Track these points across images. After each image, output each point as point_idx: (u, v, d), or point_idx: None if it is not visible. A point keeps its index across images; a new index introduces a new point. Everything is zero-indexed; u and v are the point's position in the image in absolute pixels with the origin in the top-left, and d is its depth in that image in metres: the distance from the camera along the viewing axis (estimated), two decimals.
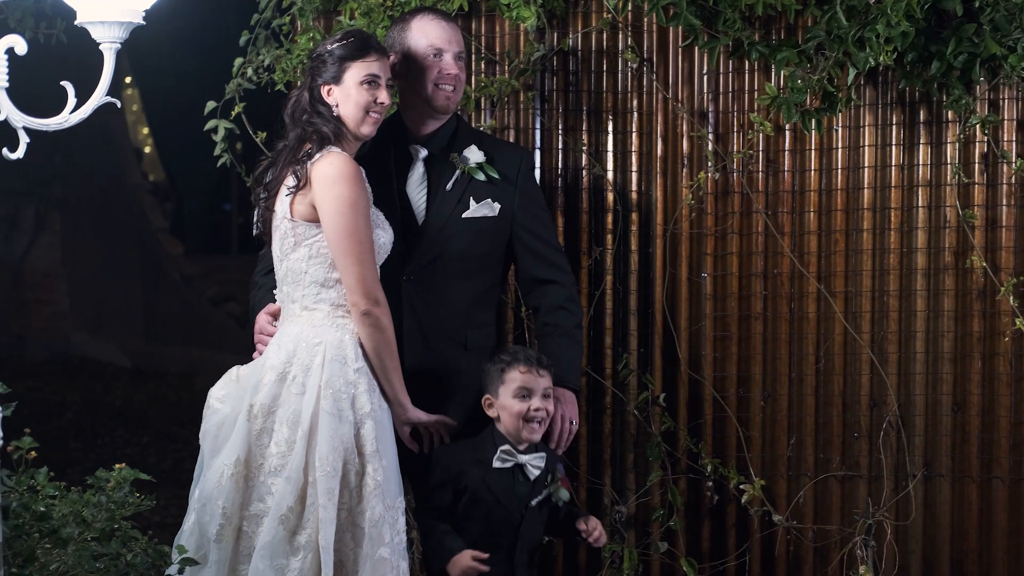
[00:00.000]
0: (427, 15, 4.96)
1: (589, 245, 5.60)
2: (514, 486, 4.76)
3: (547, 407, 4.76)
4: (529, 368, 4.75)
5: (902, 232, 5.33)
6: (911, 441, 5.35)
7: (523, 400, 4.72)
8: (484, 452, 4.75)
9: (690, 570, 5.44)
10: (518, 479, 4.76)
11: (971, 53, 5.03)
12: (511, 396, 4.73)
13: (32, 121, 4.18)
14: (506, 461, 4.74)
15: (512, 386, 4.74)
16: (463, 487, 4.74)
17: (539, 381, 4.75)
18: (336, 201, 4.51)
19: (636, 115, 5.58)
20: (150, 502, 4.31)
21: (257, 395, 4.57)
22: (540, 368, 4.76)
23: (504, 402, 4.75)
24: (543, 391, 4.75)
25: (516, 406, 4.72)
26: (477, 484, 4.73)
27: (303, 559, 4.47)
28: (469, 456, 4.76)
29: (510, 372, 4.75)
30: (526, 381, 4.74)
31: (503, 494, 4.74)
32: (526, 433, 4.73)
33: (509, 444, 4.74)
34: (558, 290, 5.02)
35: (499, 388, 4.76)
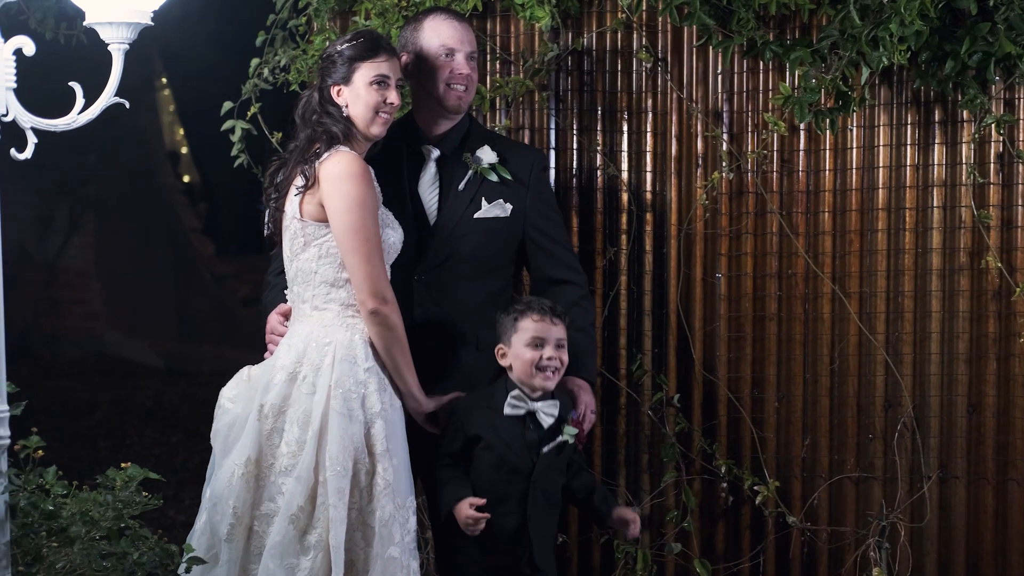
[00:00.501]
0: (440, 15, 4.96)
1: (603, 245, 5.59)
2: (524, 433, 4.69)
3: (560, 356, 4.70)
4: (543, 316, 4.70)
5: (917, 232, 5.30)
6: (926, 443, 5.32)
7: (536, 349, 4.67)
8: (495, 399, 4.71)
9: (703, 571, 5.43)
10: (529, 427, 4.70)
11: (986, 52, 5.00)
12: (523, 345, 4.68)
13: (40, 121, 4.21)
14: (517, 408, 4.68)
15: (525, 335, 4.68)
16: (473, 434, 4.70)
17: (552, 330, 4.70)
18: (344, 200, 4.52)
19: (650, 115, 5.56)
20: (157, 501, 4.31)
21: (268, 395, 4.59)
22: (554, 316, 4.71)
23: (517, 350, 4.70)
24: (556, 340, 4.70)
25: (528, 354, 4.67)
26: (487, 431, 4.68)
27: (313, 558, 4.48)
28: (481, 403, 4.73)
29: (523, 320, 4.70)
30: (539, 329, 4.68)
31: (513, 441, 4.68)
32: (539, 381, 4.68)
33: (520, 391, 4.70)
34: (572, 289, 5.01)
35: (512, 336, 4.71)
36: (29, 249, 15.53)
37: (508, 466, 4.68)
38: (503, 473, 4.68)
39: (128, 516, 4.27)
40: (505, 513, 4.68)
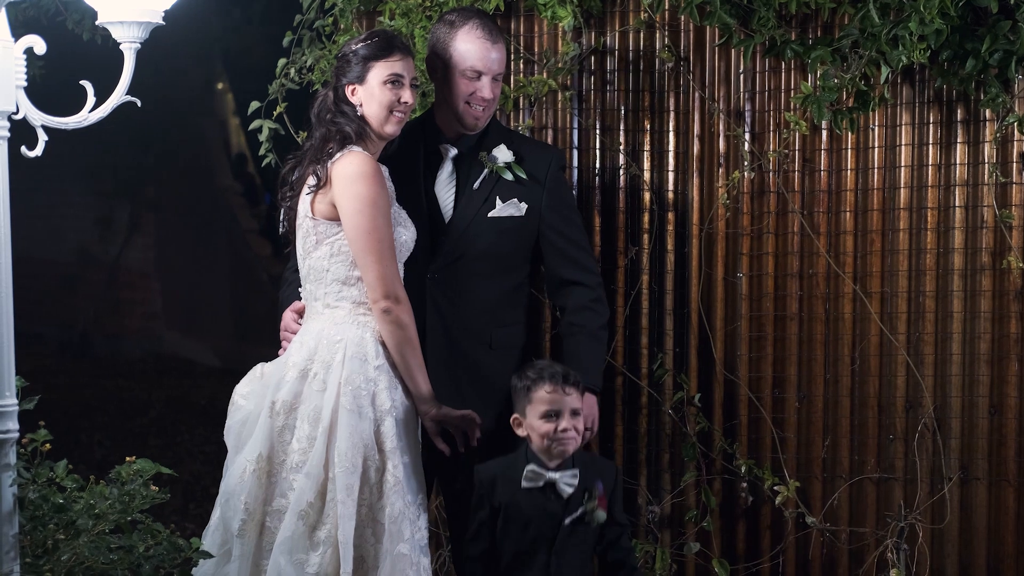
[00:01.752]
0: (476, 28, 4.88)
1: (626, 245, 5.59)
2: (545, 504, 4.64)
3: (575, 425, 4.62)
4: (555, 387, 4.62)
5: (939, 232, 5.27)
6: (947, 444, 5.29)
7: (550, 421, 4.60)
8: (515, 470, 4.66)
9: (722, 571, 5.42)
10: (550, 497, 4.65)
11: (1007, 51, 4.97)
12: (538, 417, 4.62)
13: (50, 119, 4.25)
14: (534, 480, 4.64)
15: (539, 407, 4.61)
16: (497, 504, 4.67)
17: (566, 400, 4.62)
18: (355, 200, 4.54)
19: (672, 114, 5.56)
20: (164, 495, 4.35)
21: (279, 392, 4.62)
22: (567, 386, 4.63)
23: (532, 423, 4.64)
24: (571, 410, 4.62)
25: (543, 427, 4.61)
26: (508, 501, 4.66)
27: (323, 554, 4.50)
28: (501, 472, 4.70)
29: (536, 392, 4.63)
30: (552, 401, 4.61)
31: (534, 512, 4.64)
32: (556, 451, 4.63)
33: (537, 463, 4.64)
34: (583, 291, 4.99)
35: (526, 408, 4.65)
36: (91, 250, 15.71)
37: (531, 537, 4.66)
38: (526, 543, 4.66)
39: (136, 510, 4.32)
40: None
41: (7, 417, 4.18)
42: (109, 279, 15.57)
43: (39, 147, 4.25)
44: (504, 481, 4.66)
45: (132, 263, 15.65)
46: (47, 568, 4.17)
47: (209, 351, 14.67)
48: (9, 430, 4.19)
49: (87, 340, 15.09)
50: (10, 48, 4.16)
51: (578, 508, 4.64)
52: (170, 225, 15.59)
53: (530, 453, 4.65)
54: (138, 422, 11.60)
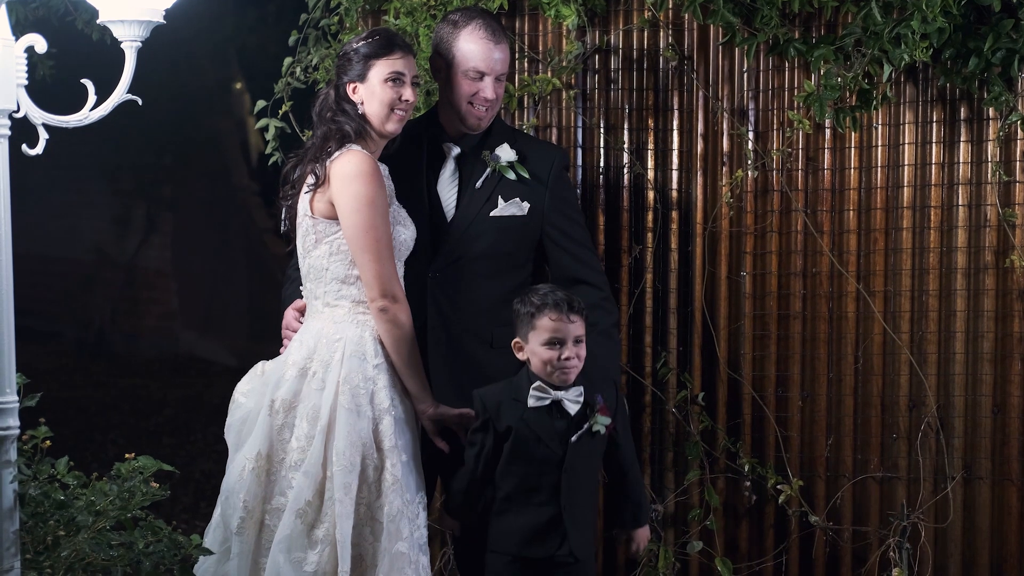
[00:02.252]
0: (479, 28, 4.89)
1: (630, 243, 5.59)
2: (552, 422, 4.62)
3: (579, 353, 4.60)
4: (560, 315, 4.58)
5: (942, 231, 5.27)
6: (950, 443, 5.28)
7: (553, 348, 4.58)
8: (520, 391, 4.63)
9: (725, 570, 5.42)
10: (556, 416, 4.63)
11: (1009, 49, 4.96)
12: (541, 344, 4.59)
13: (51, 118, 4.28)
14: (541, 399, 4.61)
15: (543, 334, 4.59)
16: (504, 428, 4.64)
17: (570, 328, 4.59)
18: (353, 199, 4.55)
19: (676, 113, 5.56)
20: (164, 492, 4.37)
21: (279, 390, 4.64)
22: (571, 313, 4.60)
23: (534, 348, 4.61)
24: (575, 337, 4.60)
25: (547, 354, 4.59)
26: (516, 422, 4.62)
27: (321, 552, 4.51)
28: (506, 395, 4.66)
29: (540, 319, 4.60)
30: (556, 329, 4.58)
31: (543, 431, 4.61)
32: (558, 378, 4.61)
33: (543, 381, 4.62)
34: (592, 290, 4.98)
35: (529, 333, 4.62)
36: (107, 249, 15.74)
37: (539, 458, 4.63)
38: (535, 465, 4.64)
39: (137, 507, 4.34)
40: (540, 504, 4.65)
41: (8, 414, 4.21)
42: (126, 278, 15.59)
43: (40, 145, 4.28)
44: (509, 404, 4.64)
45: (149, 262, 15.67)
46: (47, 564, 4.20)
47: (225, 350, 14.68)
48: (10, 427, 4.21)
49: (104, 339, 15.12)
50: (11, 47, 4.19)
51: (584, 424, 4.63)
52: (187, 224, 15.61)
53: (531, 375, 4.63)
54: (152, 421, 11.64)
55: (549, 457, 4.64)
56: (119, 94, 4.37)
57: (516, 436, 4.64)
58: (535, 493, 4.65)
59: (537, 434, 4.62)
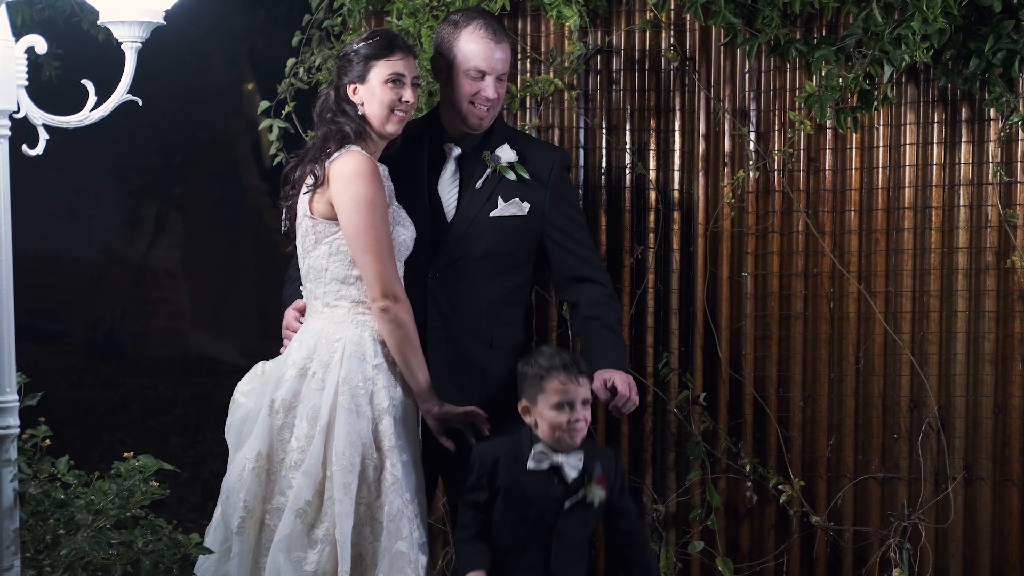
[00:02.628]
0: (480, 28, 4.89)
1: (631, 244, 5.60)
2: (548, 487, 4.55)
3: (586, 416, 4.54)
4: (569, 378, 4.51)
5: (943, 232, 5.27)
6: (951, 443, 5.29)
7: (562, 411, 4.50)
8: (520, 450, 4.57)
9: (726, 570, 5.43)
10: (553, 480, 4.56)
11: (1010, 50, 4.97)
12: (549, 407, 4.52)
13: (51, 118, 4.30)
14: (541, 461, 4.56)
15: (551, 398, 4.51)
16: (497, 486, 4.60)
17: (579, 391, 4.52)
18: (353, 200, 4.56)
19: (678, 114, 5.57)
20: (163, 491, 4.39)
21: (279, 390, 4.65)
22: (579, 376, 4.53)
23: (542, 412, 4.53)
24: (582, 400, 4.53)
25: (556, 418, 4.51)
26: (511, 483, 4.59)
27: (320, 552, 4.52)
28: (506, 453, 4.61)
29: (549, 382, 4.52)
30: (566, 392, 4.50)
31: (537, 495, 4.58)
32: (566, 440, 4.54)
33: (545, 444, 4.56)
34: (595, 287, 4.98)
35: (537, 396, 4.54)
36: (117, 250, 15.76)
37: (532, 520, 4.59)
38: (527, 526, 4.59)
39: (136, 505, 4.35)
40: (528, 566, 4.60)
41: (8, 413, 4.22)
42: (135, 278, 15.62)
43: (40, 146, 4.30)
44: (507, 462, 4.59)
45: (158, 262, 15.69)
46: (47, 563, 4.22)
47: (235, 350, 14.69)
48: (9, 426, 4.23)
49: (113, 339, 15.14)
50: (11, 47, 4.20)
51: (579, 491, 4.57)
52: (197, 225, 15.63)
53: (534, 437, 4.57)
54: (161, 420, 11.66)
55: (541, 520, 4.59)
56: (119, 95, 4.39)
57: (510, 496, 4.59)
58: (525, 553, 4.61)
59: (531, 498, 4.58)
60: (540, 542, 4.59)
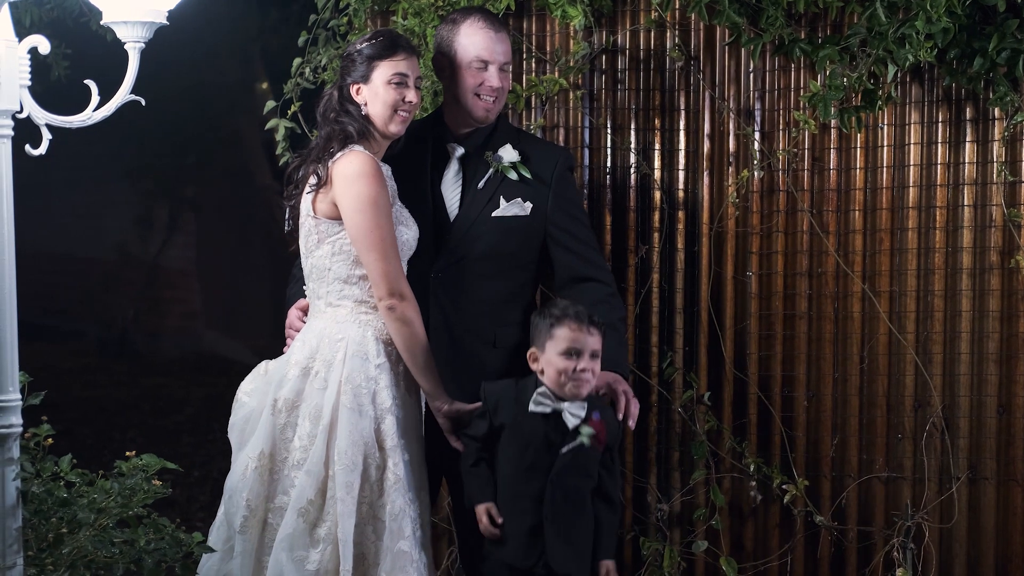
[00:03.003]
0: (477, 20, 4.93)
1: (636, 243, 5.60)
2: (547, 431, 4.57)
3: (594, 367, 4.56)
4: (580, 326, 4.55)
5: (947, 231, 5.27)
6: (955, 443, 5.28)
7: (570, 358, 4.53)
8: (524, 393, 4.60)
9: (730, 570, 5.42)
10: (552, 426, 4.57)
11: (1014, 49, 4.97)
12: (557, 353, 4.54)
13: (54, 118, 4.30)
14: (542, 405, 4.58)
15: (560, 344, 4.55)
16: (499, 423, 4.62)
17: (588, 340, 4.56)
18: (356, 199, 4.57)
19: (683, 113, 5.57)
20: (165, 490, 4.40)
21: (281, 390, 4.66)
22: (591, 327, 4.57)
23: (550, 357, 4.56)
24: (591, 351, 4.56)
25: (562, 363, 4.53)
26: (511, 423, 4.61)
27: (323, 551, 4.53)
28: (510, 393, 4.63)
29: (559, 329, 4.56)
30: (575, 340, 4.54)
31: (535, 437, 4.58)
32: (570, 389, 4.56)
33: (548, 390, 4.58)
34: (598, 287, 4.98)
35: (546, 343, 4.57)
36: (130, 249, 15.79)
37: (527, 463, 4.60)
38: (522, 470, 4.60)
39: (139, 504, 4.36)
40: (522, 511, 4.60)
41: (10, 412, 4.22)
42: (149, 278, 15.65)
43: (43, 145, 4.31)
44: (509, 401, 4.61)
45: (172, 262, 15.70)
46: (49, 561, 4.23)
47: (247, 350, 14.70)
48: (12, 425, 4.23)
49: (126, 338, 15.17)
50: (14, 48, 4.21)
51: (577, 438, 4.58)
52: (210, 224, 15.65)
53: (539, 383, 4.59)
54: (172, 420, 11.68)
55: (536, 464, 4.59)
56: (122, 94, 4.39)
57: (507, 435, 4.61)
58: (519, 499, 4.61)
59: (529, 439, 4.59)
60: (535, 487, 4.59)
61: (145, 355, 14.90)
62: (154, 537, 4.31)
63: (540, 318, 4.64)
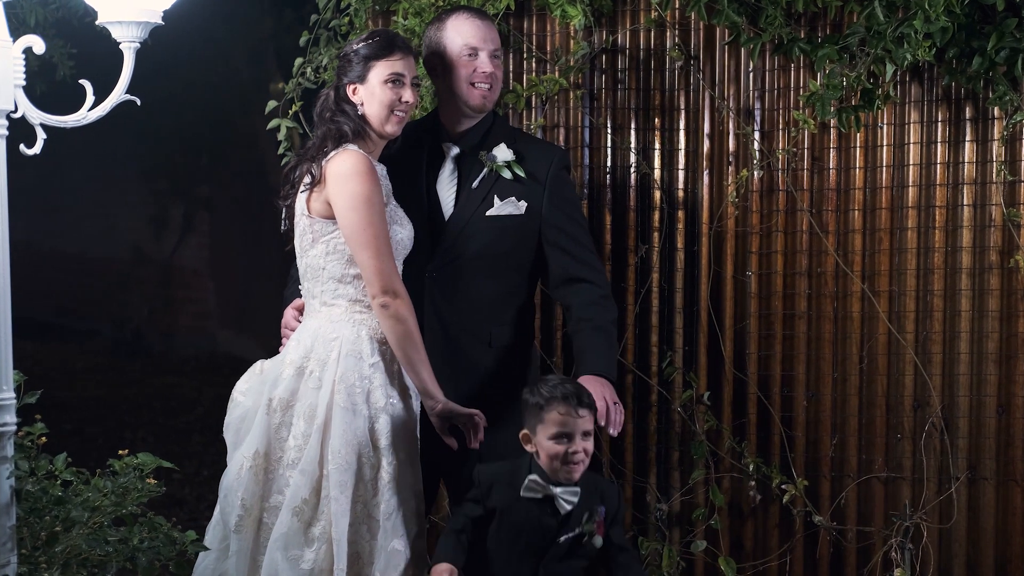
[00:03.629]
0: (462, 13, 4.97)
1: (636, 243, 5.60)
2: (541, 516, 4.54)
3: (586, 448, 4.51)
4: (568, 408, 4.48)
5: (947, 231, 5.25)
6: (955, 443, 5.27)
7: (560, 442, 4.49)
8: (517, 477, 4.56)
9: (728, 570, 5.42)
10: (547, 511, 4.54)
11: (1013, 48, 4.94)
12: (548, 438, 4.50)
13: (48, 118, 4.32)
14: (534, 491, 4.54)
15: (550, 428, 4.49)
16: (492, 507, 4.59)
17: (579, 423, 4.49)
18: (350, 198, 4.57)
19: (683, 113, 5.57)
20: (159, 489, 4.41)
21: (276, 389, 4.67)
22: (580, 408, 4.50)
23: (541, 442, 4.52)
24: (583, 432, 4.50)
25: (553, 448, 4.49)
26: (504, 507, 4.56)
27: (317, 550, 4.53)
28: (504, 477, 4.61)
29: (548, 413, 4.50)
30: (565, 424, 4.48)
31: (529, 523, 4.55)
32: (564, 475, 4.52)
33: (540, 475, 4.54)
34: (591, 288, 4.95)
35: (536, 426, 4.53)
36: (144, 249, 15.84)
37: (520, 547, 4.57)
38: (516, 553, 4.57)
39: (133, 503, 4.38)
40: None
41: (5, 411, 4.25)
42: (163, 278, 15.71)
43: (38, 145, 4.32)
44: (502, 487, 4.57)
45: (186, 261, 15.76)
46: (43, 560, 4.24)
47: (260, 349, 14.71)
48: (6, 423, 4.25)
49: (140, 337, 15.23)
50: (8, 48, 4.23)
51: (575, 527, 4.54)
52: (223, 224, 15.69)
53: (534, 464, 4.56)
54: (183, 419, 11.70)
55: (530, 549, 4.57)
56: (117, 94, 4.41)
57: (501, 520, 4.58)
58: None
59: (522, 525, 4.56)
60: (528, 569, 4.56)
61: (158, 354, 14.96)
62: (148, 536, 4.33)
63: (530, 398, 4.58)
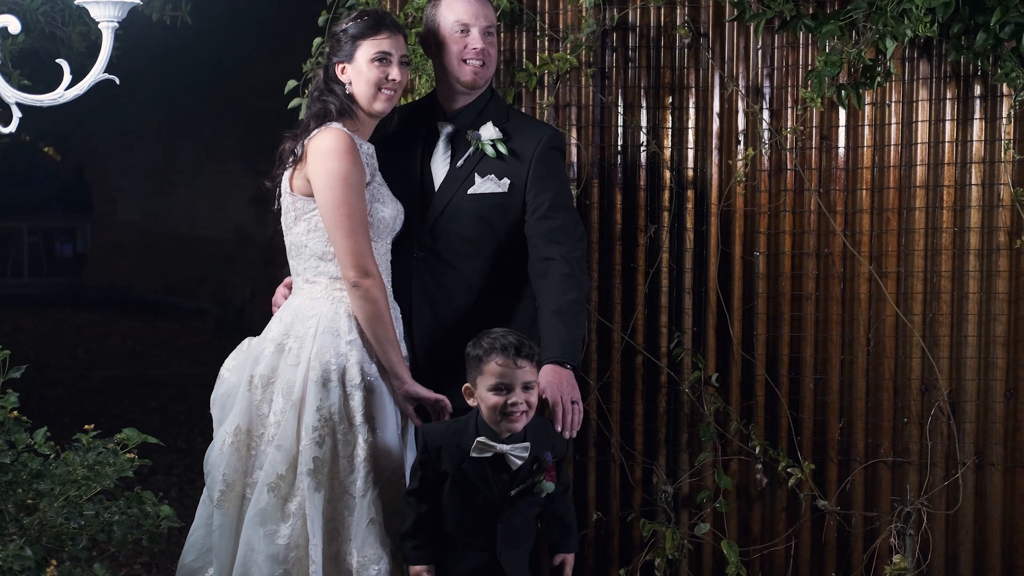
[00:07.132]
0: None
1: (646, 223, 5.54)
2: (492, 475, 4.48)
3: (527, 399, 4.44)
4: (506, 360, 4.42)
5: (955, 211, 5.14)
6: (962, 428, 5.16)
7: (500, 393, 4.43)
8: (464, 438, 4.49)
9: (731, 553, 5.36)
10: (497, 468, 4.48)
11: (1018, 23, 4.81)
12: (487, 389, 4.44)
13: (25, 97, 4.39)
14: (483, 451, 4.48)
15: (489, 379, 4.43)
16: (442, 471, 4.54)
17: (517, 373, 4.42)
18: (327, 175, 4.59)
19: (693, 91, 5.50)
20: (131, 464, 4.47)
21: (258, 366, 4.71)
22: (519, 359, 4.42)
23: (481, 394, 4.47)
24: (523, 383, 4.43)
25: (492, 400, 4.43)
26: (454, 469, 4.51)
27: (292, 525, 4.56)
28: (449, 440, 4.52)
29: (487, 364, 4.44)
30: (502, 374, 4.42)
31: (481, 482, 4.49)
32: (505, 425, 4.46)
33: (487, 434, 4.48)
34: (554, 266, 4.81)
35: (477, 378, 4.47)
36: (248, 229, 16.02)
37: (477, 506, 4.53)
38: (470, 512, 4.54)
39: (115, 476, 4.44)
40: (475, 549, 4.55)
41: None
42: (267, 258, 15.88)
43: (13, 124, 4.39)
44: (450, 449, 4.51)
45: None
46: (14, 531, 4.32)
47: None
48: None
49: (243, 317, 15.42)
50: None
51: (526, 479, 4.51)
52: None
53: (480, 422, 4.51)
54: None
55: (485, 506, 4.53)
56: (95, 74, 4.46)
57: (455, 482, 4.53)
58: (472, 537, 4.55)
59: (475, 485, 4.51)
60: (487, 527, 4.53)
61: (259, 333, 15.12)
62: (120, 509, 4.39)
63: (472, 350, 4.52)
